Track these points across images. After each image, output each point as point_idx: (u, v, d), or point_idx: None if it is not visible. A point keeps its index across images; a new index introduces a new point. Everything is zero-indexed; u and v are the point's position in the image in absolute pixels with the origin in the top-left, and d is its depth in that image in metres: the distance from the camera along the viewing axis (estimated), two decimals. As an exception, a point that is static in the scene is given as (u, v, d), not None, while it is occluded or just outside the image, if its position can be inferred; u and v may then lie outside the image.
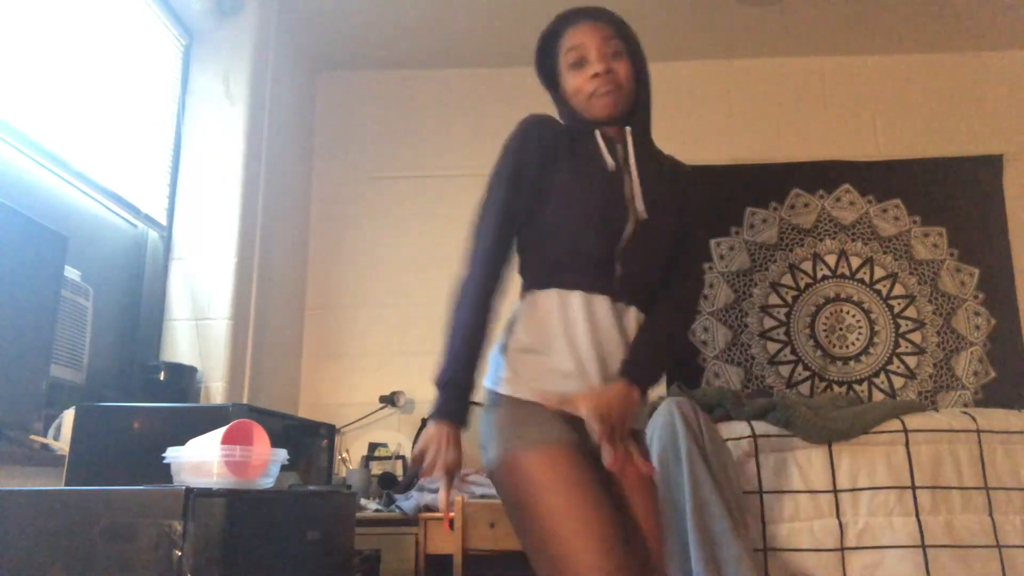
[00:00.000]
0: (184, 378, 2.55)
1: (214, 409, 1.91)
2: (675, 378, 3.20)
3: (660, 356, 1.40)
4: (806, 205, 3.48)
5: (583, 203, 1.38)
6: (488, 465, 1.34)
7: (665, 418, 2.17)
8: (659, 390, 3.24)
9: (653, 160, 1.49)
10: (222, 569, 1.24)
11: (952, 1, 3.26)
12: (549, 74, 1.52)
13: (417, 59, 3.60)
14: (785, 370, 3.31)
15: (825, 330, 3.34)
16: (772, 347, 3.33)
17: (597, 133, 1.44)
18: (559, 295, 1.38)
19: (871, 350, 3.31)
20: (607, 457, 1.28)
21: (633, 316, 1.40)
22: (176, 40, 2.90)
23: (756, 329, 3.36)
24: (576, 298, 1.36)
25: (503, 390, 1.35)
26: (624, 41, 1.45)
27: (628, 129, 1.46)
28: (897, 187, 3.46)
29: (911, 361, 3.30)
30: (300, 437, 2.39)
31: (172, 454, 1.43)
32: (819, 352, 3.32)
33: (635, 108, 1.47)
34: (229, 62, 2.95)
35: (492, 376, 1.39)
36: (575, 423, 1.30)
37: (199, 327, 2.72)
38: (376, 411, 3.25)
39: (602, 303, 1.37)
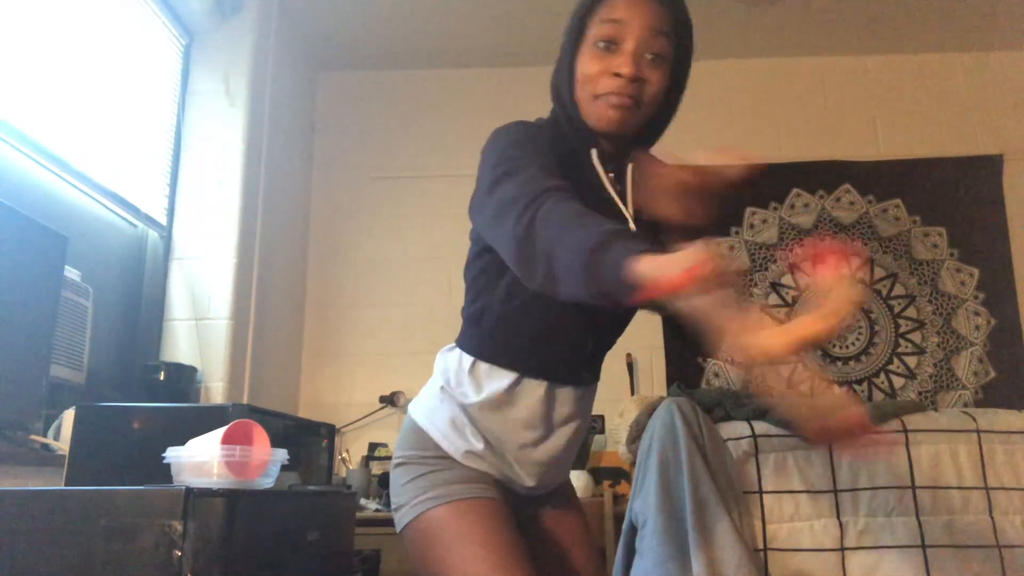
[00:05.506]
0: (184, 378, 2.55)
1: (214, 409, 1.91)
2: (675, 378, 3.20)
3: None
4: (806, 205, 3.48)
5: None
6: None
7: (665, 418, 2.17)
8: (659, 390, 3.24)
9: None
10: (222, 569, 1.24)
11: (952, 1, 3.26)
12: (572, 36, 1.13)
13: (417, 59, 3.60)
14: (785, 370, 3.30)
15: (825, 330, 3.34)
16: (772, 347, 3.33)
17: (593, 154, 1.13)
18: None
19: (871, 350, 3.31)
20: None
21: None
22: (176, 40, 2.90)
23: (756, 329, 3.35)
24: None
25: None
26: (676, 43, 1.12)
27: (631, 165, 1.14)
28: (897, 187, 3.46)
29: (911, 361, 3.30)
30: (300, 437, 2.39)
31: (172, 454, 1.43)
32: (819, 352, 3.31)
33: (648, 130, 1.15)
34: (229, 62, 2.95)
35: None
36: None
37: (199, 327, 2.72)
38: (376, 411, 3.25)
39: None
